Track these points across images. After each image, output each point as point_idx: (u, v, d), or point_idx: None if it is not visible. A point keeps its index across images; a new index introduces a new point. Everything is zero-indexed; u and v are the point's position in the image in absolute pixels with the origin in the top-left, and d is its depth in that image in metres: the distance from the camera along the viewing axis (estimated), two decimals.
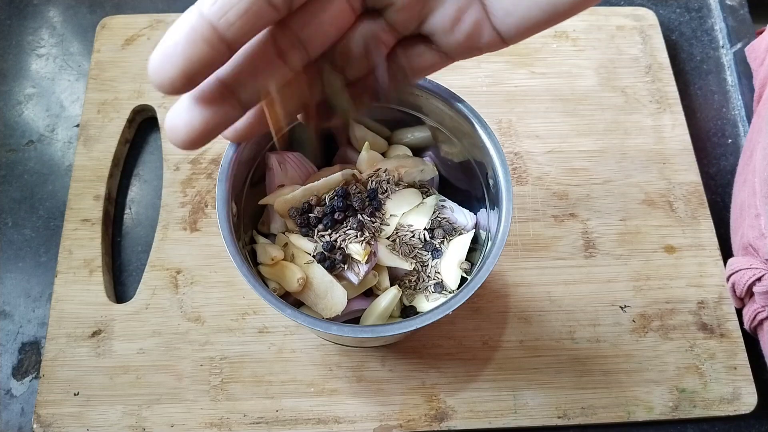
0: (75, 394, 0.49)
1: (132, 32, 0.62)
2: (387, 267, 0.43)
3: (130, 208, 0.58)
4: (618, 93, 0.62)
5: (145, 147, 0.61)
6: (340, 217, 0.41)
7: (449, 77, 0.62)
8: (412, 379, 0.51)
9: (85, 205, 0.55)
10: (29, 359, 0.53)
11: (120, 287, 0.55)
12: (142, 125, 0.61)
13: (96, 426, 0.49)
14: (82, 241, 0.54)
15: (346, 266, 0.41)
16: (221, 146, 0.57)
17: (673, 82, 0.62)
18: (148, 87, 0.60)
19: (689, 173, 0.59)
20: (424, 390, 0.51)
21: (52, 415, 0.49)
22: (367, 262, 0.40)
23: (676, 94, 0.62)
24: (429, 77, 0.39)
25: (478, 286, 0.36)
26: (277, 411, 0.49)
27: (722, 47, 0.68)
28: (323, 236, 0.41)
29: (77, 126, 0.61)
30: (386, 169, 0.44)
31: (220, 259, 0.54)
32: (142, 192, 0.59)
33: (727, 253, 0.57)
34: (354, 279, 0.41)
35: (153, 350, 0.51)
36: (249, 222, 0.45)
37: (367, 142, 0.45)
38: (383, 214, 0.43)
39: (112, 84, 0.60)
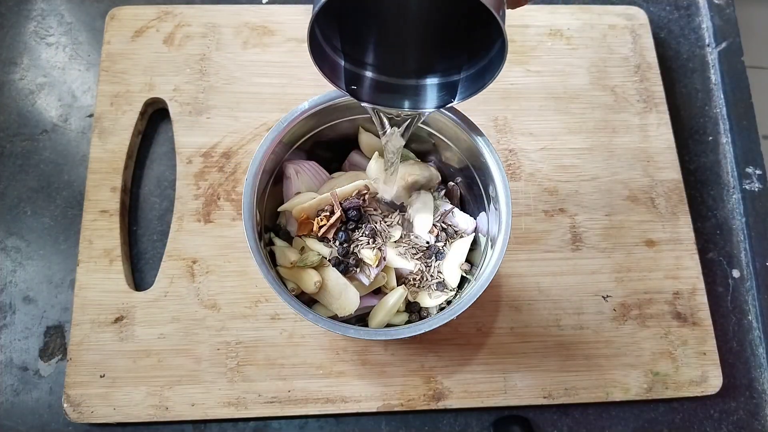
0: (101, 376, 0.53)
1: (141, 24, 0.64)
2: (394, 268, 0.47)
3: (143, 199, 0.61)
4: (608, 92, 0.65)
5: (156, 138, 0.63)
6: (353, 227, 0.45)
7: None
8: (412, 363, 0.55)
9: (102, 197, 0.58)
10: (54, 342, 0.56)
11: (138, 275, 0.58)
12: (153, 116, 0.63)
13: (122, 405, 0.53)
14: (101, 232, 0.57)
15: (358, 269, 0.45)
16: (231, 140, 0.60)
17: (660, 82, 0.66)
18: (159, 80, 0.62)
19: (671, 171, 0.63)
20: (423, 372, 0.55)
21: (80, 395, 0.53)
22: (377, 266, 0.44)
23: (662, 94, 0.65)
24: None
25: (475, 298, 0.41)
26: (289, 391, 0.54)
27: (708, 45, 0.71)
28: (338, 242, 0.45)
29: (90, 116, 0.63)
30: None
31: (234, 249, 0.57)
32: (155, 183, 0.61)
33: (702, 246, 0.62)
34: (365, 281, 0.45)
35: (173, 335, 0.55)
36: (266, 223, 0.49)
37: (376, 152, 0.48)
38: (404, 217, 0.47)
39: (124, 77, 0.62)
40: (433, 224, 0.48)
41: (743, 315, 0.61)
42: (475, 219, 0.50)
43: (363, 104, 0.41)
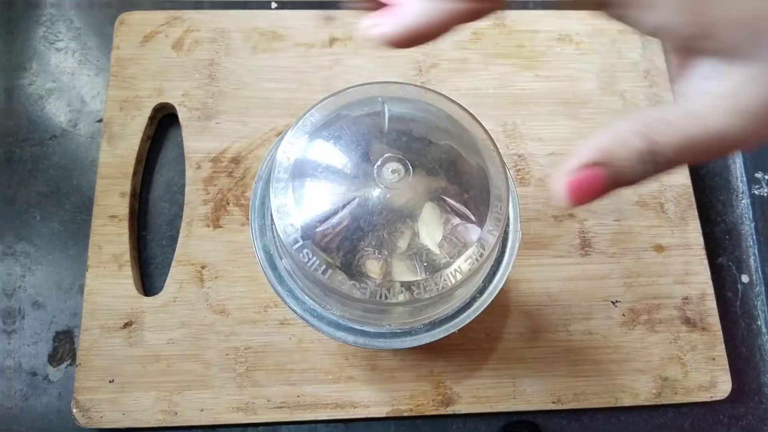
0: (110, 382, 0.53)
1: (150, 29, 0.64)
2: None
3: (152, 204, 0.61)
4: (617, 97, 0.65)
5: (165, 143, 0.63)
6: (358, 236, 0.44)
7: (457, 79, 0.65)
8: (421, 368, 0.55)
9: (111, 202, 0.58)
10: (63, 347, 0.56)
11: (147, 280, 0.59)
12: (162, 121, 0.63)
13: (131, 410, 0.53)
14: (110, 237, 0.57)
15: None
16: (240, 145, 0.60)
17: (669, 87, 0.66)
18: (168, 85, 0.62)
19: (680, 176, 0.63)
20: (432, 377, 0.55)
21: (89, 400, 0.53)
22: (382, 278, 0.44)
23: (672, 99, 0.65)
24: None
25: (483, 308, 0.41)
26: (298, 396, 0.54)
27: None
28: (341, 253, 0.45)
29: (99, 121, 0.63)
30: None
31: (243, 255, 0.57)
32: (164, 188, 0.62)
33: (711, 251, 0.62)
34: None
35: (182, 340, 0.55)
36: None
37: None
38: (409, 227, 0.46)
39: (133, 82, 0.62)
40: (442, 235, 0.48)
41: (752, 320, 0.61)
42: (482, 227, 0.50)
43: None
